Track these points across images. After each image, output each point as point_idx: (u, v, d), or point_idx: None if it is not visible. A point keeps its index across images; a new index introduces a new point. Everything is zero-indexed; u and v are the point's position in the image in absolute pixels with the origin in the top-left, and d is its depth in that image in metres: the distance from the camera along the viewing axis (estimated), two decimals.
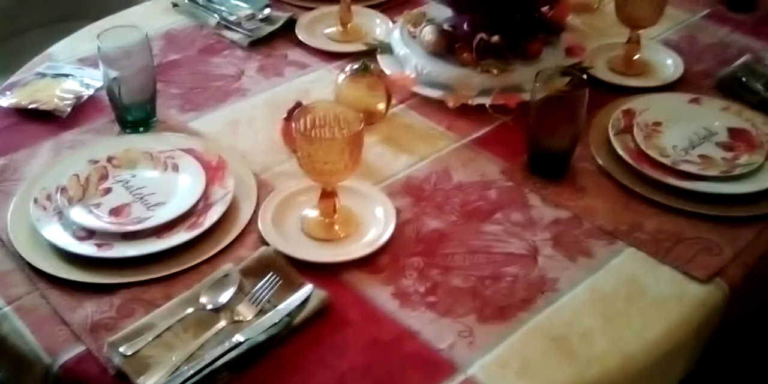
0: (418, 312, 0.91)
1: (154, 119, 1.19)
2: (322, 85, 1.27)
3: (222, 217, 1.01)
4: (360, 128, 0.96)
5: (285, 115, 1.13)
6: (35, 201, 1.03)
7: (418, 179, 1.10)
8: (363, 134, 0.97)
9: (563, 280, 0.95)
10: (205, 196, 1.04)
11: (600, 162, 1.11)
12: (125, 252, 0.97)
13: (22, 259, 0.97)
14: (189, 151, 1.10)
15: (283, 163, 1.12)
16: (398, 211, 1.03)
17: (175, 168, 1.08)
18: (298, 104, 1.11)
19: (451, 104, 1.20)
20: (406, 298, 0.93)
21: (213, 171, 1.07)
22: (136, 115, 1.17)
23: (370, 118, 1.17)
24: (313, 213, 1.03)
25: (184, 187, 1.05)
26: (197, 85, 1.29)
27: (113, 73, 1.13)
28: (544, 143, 1.09)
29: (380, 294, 0.94)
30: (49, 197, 1.03)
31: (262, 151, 1.15)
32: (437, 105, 1.22)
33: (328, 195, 1.00)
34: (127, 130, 1.17)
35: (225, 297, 0.91)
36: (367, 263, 0.97)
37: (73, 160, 1.09)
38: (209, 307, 0.91)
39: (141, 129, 1.17)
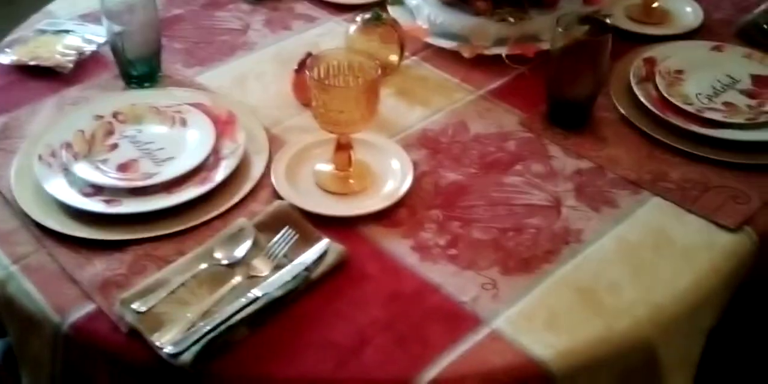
0: (440, 265, 0.88)
1: (160, 74, 1.14)
2: (331, 37, 1.22)
3: (234, 172, 0.97)
4: (376, 76, 0.91)
5: (296, 67, 1.08)
6: (39, 158, 0.98)
7: (434, 131, 1.06)
8: (379, 82, 0.93)
9: (588, 231, 0.91)
10: (215, 150, 0.99)
11: (622, 111, 1.06)
12: (135, 208, 0.93)
13: (28, 217, 0.93)
14: (197, 106, 1.06)
15: (294, 117, 1.08)
16: (415, 164, 0.99)
17: (183, 123, 1.03)
18: (310, 55, 1.07)
19: (466, 55, 1.15)
20: (427, 251, 0.89)
21: (222, 125, 1.03)
22: (141, 70, 1.12)
23: (383, 70, 1.11)
24: (327, 167, 0.99)
25: (193, 142, 1.01)
26: (202, 40, 1.24)
27: (117, 28, 1.08)
28: (565, 92, 1.04)
29: (399, 248, 0.90)
30: (53, 154, 0.99)
31: (272, 106, 1.10)
32: (452, 56, 1.17)
33: (342, 147, 0.96)
34: (132, 86, 1.13)
35: (240, 252, 0.87)
36: (384, 217, 0.93)
37: (78, 116, 1.04)
38: (224, 262, 0.87)
39: (146, 84, 1.12)
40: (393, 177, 0.98)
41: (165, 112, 1.05)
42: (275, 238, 0.89)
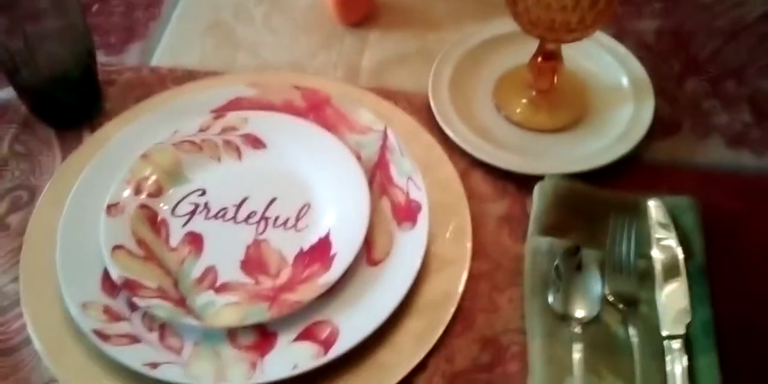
0: None
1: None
2: None
3: None
4: None
5: None
6: (98, 334, 0.44)
7: None
8: None
9: None
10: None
11: None
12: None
13: None
14: (238, 104, 0.53)
15: (374, 49, 0.58)
16: None
17: (259, 143, 0.51)
18: None
19: None
20: (743, 138, 0.53)
21: (316, 115, 0.53)
22: (77, 90, 0.53)
23: None
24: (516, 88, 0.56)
25: (308, 168, 0.50)
26: None
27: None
28: None
29: (715, 154, 0.53)
30: (108, 313, 0.45)
31: (312, 49, 0.59)
32: None
33: (549, 57, 0.53)
34: (69, 126, 0.54)
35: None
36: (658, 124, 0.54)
37: (79, 217, 0.48)
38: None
39: (95, 110, 0.55)
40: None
41: (211, 141, 0.51)
42: (614, 244, 0.47)
